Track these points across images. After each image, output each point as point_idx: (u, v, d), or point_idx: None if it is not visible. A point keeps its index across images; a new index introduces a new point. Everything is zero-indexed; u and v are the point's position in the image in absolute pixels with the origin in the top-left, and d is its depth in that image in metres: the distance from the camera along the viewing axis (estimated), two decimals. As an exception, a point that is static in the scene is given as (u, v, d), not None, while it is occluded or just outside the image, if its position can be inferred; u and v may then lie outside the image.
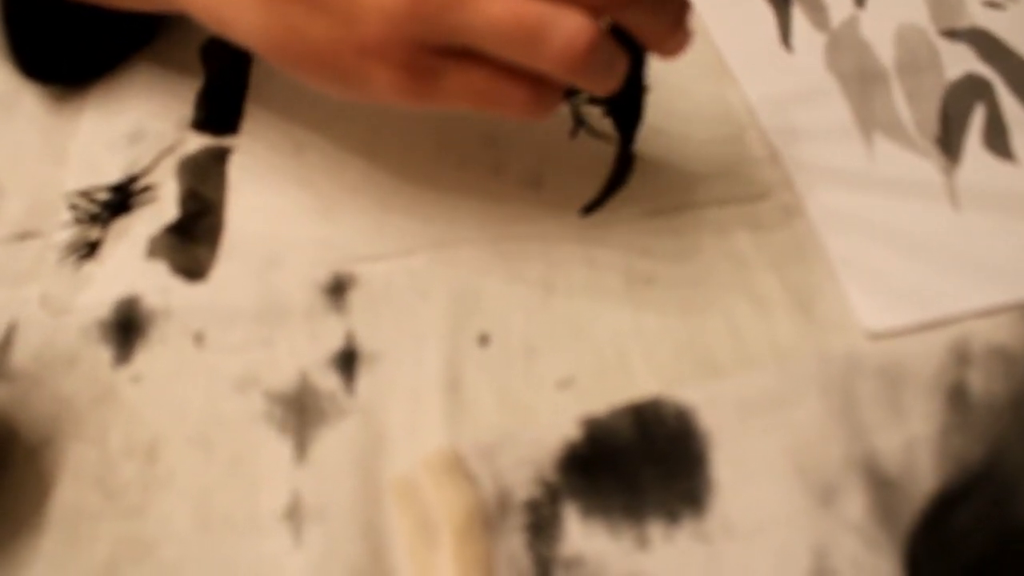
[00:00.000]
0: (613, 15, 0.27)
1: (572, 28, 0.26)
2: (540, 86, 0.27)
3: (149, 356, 0.32)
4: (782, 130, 0.36)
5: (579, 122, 0.37)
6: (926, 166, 0.35)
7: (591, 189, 0.35)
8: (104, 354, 0.32)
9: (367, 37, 0.27)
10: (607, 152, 0.36)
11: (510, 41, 0.26)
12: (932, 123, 0.36)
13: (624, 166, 0.35)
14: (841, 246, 0.32)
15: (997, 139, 0.35)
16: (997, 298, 0.31)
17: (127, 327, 0.33)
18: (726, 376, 0.30)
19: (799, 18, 0.40)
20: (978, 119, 0.36)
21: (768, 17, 0.40)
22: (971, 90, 0.37)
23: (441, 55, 0.27)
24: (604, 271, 0.32)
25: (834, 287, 0.32)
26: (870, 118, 0.36)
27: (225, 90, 0.39)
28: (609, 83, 0.28)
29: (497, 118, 0.36)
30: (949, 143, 0.35)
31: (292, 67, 0.30)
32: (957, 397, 0.28)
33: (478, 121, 0.37)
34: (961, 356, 0.29)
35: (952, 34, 0.39)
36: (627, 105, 0.36)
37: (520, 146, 0.36)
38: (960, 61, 0.38)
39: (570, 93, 0.38)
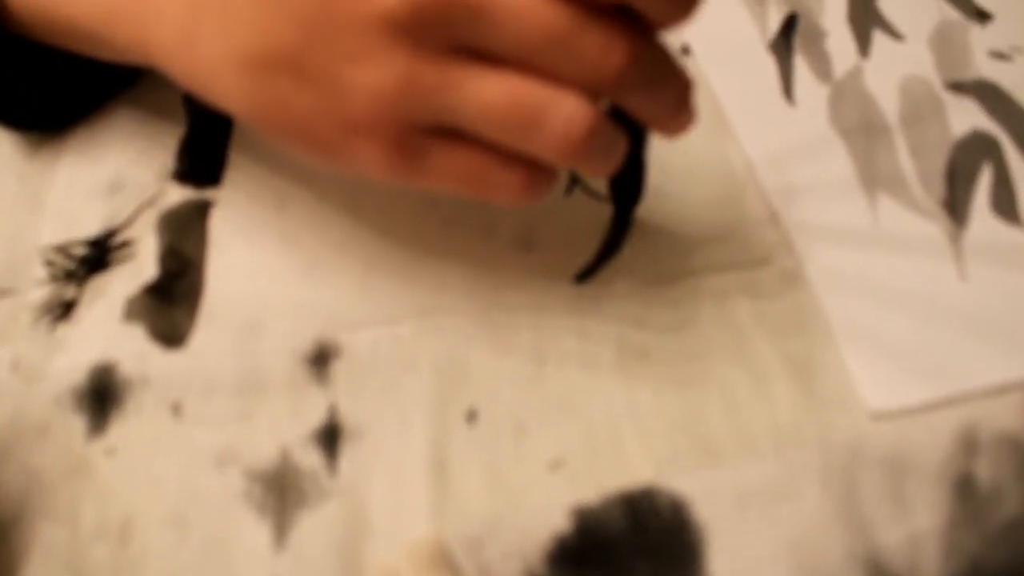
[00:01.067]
0: (613, 98, 0.26)
1: (570, 112, 0.24)
2: (534, 169, 0.26)
3: (124, 427, 0.31)
4: (783, 189, 0.35)
5: (574, 180, 0.36)
6: (932, 230, 0.33)
7: (585, 252, 0.34)
8: (77, 424, 0.31)
9: (355, 113, 0.26)
10: (602, 212, 0.35)
11: (504, 125, 0.25)
12: (938, 183, 0.35)
13: (619, 232, 0.34)
14: (844, 318, 0.31)
15: (1004, 202, 0.34)
16: (1006, 375, 0.30)
17: (102, 396, 0.31)
18: (723, 459, 0.29)
19: (801, 68, 0.39)
20: (985, 179, 0.35)
21: (770, 67, 0.39)
22: (978, 148, 0.36)
23: (431, 134, 0.26)
24: (597, 343, 0.31)
25: (836, 361, 0.31)
26: (874, 176, 0.35)
27: (208, 138, 0.38)
28: (607, 167, 0.27)
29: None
30: (955, 205, 0.34)
31: (277, 137, 0.28)
32: (964, 488, 0.27)
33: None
34: (968, 445, 0.28)
35: (958, 87, 0.38)
36: (626, 182, 0.35)
37: (512, 204, 0.35)
38: (966, 116, 0.37)
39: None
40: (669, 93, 0.26)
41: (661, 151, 0.36)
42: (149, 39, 0.30)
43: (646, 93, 0.26)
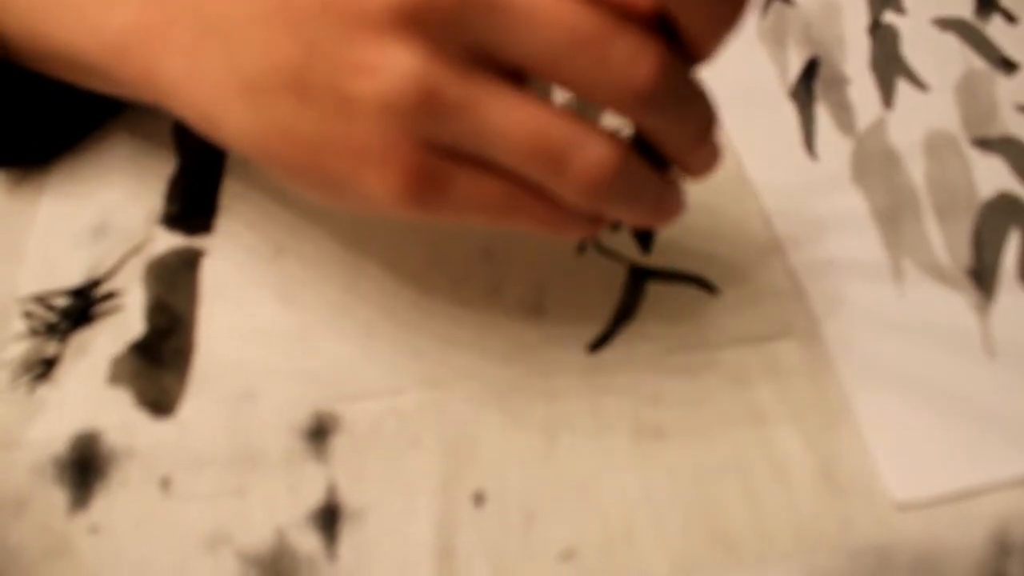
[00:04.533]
0: (637, 118, 0.24)
1: (597, 152, 0.23)
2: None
3: (109, 502, 0.29)
4: (805, 254, 0.33)
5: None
6: (959, 303, 0.32)
7: (597, 315, 0.32)
8: (58, 498, 0.29)
9: (364, 135, 0.23)
10: (616, 273, 0.33)
11: (528, 159, 0.23)
12: (964, 250, 0.33)
13: (634, 295, 0.32)
14: (866, 401, 0.30)
15: (1033, 272, 0.33)
16: (1034, 465, 0.29)
17: (85, 467, 0.29)
18: (742, 555, 0.27)
19: (823, 118, 0.37)
20: (1013, 246, 0.34)
21: (790, 116, 0.37)
22: (1005, 212, 0.34)
23: (450, 159, 0.23)
24: (611, 421, 0.30)
25: (859, 445, 0.29)
26: (899, 243, 0.34)
27: (199, 178, 0.36)
28: (634, 213, 0.25)
29: (496, 231, 0.34)
30: (982, 275, 0.33)
31: (281, 172, 0.26)
32: (995, 595, 0.26)
33: (475, 232, 0.34)
34: (1002, 547, 0.26)
35: (984, 143, 0.36)
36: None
37: (521, 263, 0.33)
38: (993, 176, 0.35)
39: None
40: (695, 119, 0.24)
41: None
42: (156, 73, 0.27)
43: (672, 116, 0.24)
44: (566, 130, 0.23)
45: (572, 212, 0.25)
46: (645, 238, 0.34)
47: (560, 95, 0.36)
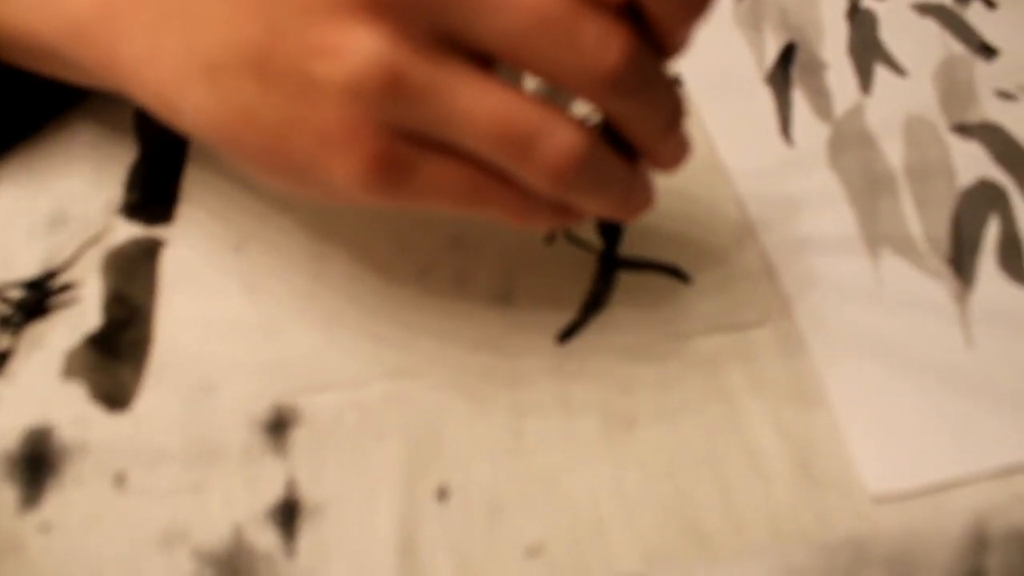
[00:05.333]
0: (603, 104, 0.23)
1: (563, 139, 0.22)
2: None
3: (62, 500, 0.28)
4: (781, 241, 0.32)
5: (556, 224, 0.33)
6: (937, 291, 0.31)
7: (566, 305, 0.31)
8: (8, 495, 0.28)
9: (330, 120, 0.22)
10: (586, 262, 0.32)
11: (495, 145, 0.23)
12: (943, 237, 0.33)
13: (605, 284, 0.31)
14: (844, 391, 0.29)
15: (1013, 259, 0.32)
16: (1013, 456, 0.28)
17: (37, 463, 0.28)
18: (716, 549, 0.26)
19: (800, 104, 0.37)
20: (992, 234, 0.33)
21: (766, 101, 0.37)
22: (984, 199, 0.34)
23: (415, 145, 0.23)
24: (580, 412, 0.29)
25: (835, 436, 0.28)
26: (877, 230, 0.33)
27: (160, 167, 0.35)
28: (601, 203, 0.25)
29: (465, 218, 0.33)
30: (961, 263, 0.32)
31: (242, 158, 0.25)
32: (973, 588, 0.25)
33: (442, 221, 0.33)
34: (979, 540, 0.26)
35: (963, 129, 0.36)
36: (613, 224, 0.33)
37: (489, 251, 0.33)
38: (973, 163, 0.35)
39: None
40: (662, 107, 0.24)
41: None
42: (116, 57, 0.27)
43: (639, 103, 0.23)
44: (533, 116, 0.22)
45: (540, 201, 0.24)
46: (612, 233, 0.33)
47: (530, 85, 0.35)
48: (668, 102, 0.25)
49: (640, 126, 0.24)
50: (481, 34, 0.22)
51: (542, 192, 0.24)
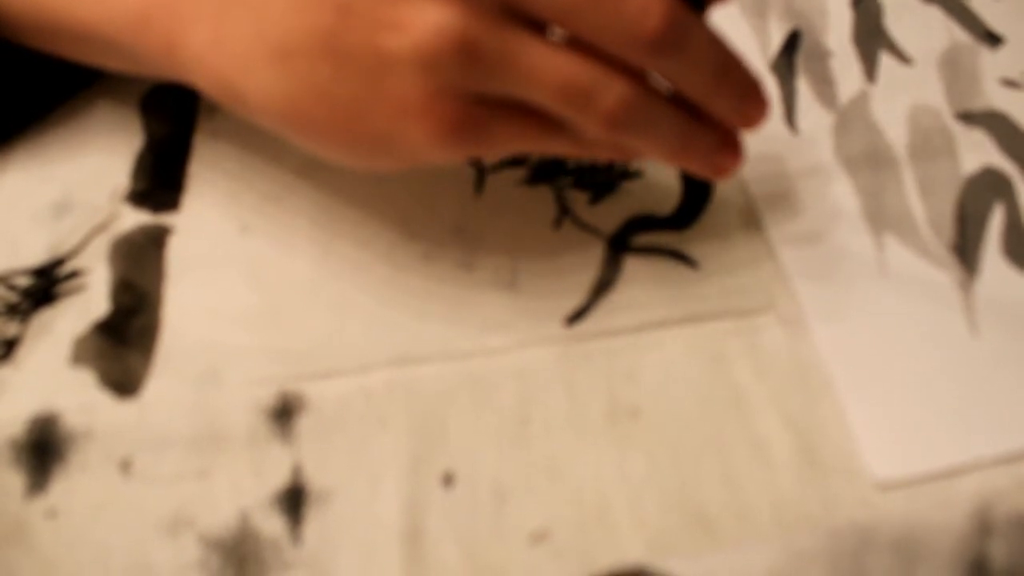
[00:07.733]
0: (652, 66, 0.25)
1: (619, 90, 0.25)
2: None
3: (68, 486, 0.28)
4: (785, 229, 0.32)
5: (563, 210, 0.33)
6: (941, 278, 0.31)
7: (572, 290, 0.31)
8: (15, 481, 0.28)
9: (404, 90, 0.24)
10: (591, 247, 0.32)
11: (559, 96, 0.25)
12: (947, 225, 0.33)
13: (612, 269, 0.31)
14: (848, 378, 0.29)
15: (1017, 247, 0.32)
16: (1018, 443, 0.28)
17: (44, 449, 0.29)
18: (721, 535, 0.26)
19: (804, 92, 0.36)
20: (996, 222, 0.33)
21: (772, 92, 0.36)
22: (989, 187, 0.34)
23: (485, 102, 0.25)
24: (585, 399, 0.29)
25: (840, 422, 0.28)
26: (881, 217, 0.33)
27: (166, 155, 0.35)
28: (656, 143, 0.27)
29: (469, 205, 0.33)
30: (966, 251, 0.32)
31: (317, 138, 0.27)
32: (978, 573, 0.25)
33: (446, 209, 0.33)
34: (983, 525, 0.26)
35: (968, 117, 0.36)
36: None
37: (495, 237, 0.33)
38: (977, 151, 0.35)
39: (553, 175, 0.34)
40: (706, 63, 0.26)
41: (656, 182, 0.34)
42: (179, 45, 0.28)
43: (682, 63, 0.25)
44: (592, 72, 0.25)
45: (598, 140, 0.27)
46: (697, 195, 0.33)
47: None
48: (713, 57, 0.26)
49: (689, 82, 0.26)
50: (537, 3, 0.24)
51: (600, 134, 0.26)
